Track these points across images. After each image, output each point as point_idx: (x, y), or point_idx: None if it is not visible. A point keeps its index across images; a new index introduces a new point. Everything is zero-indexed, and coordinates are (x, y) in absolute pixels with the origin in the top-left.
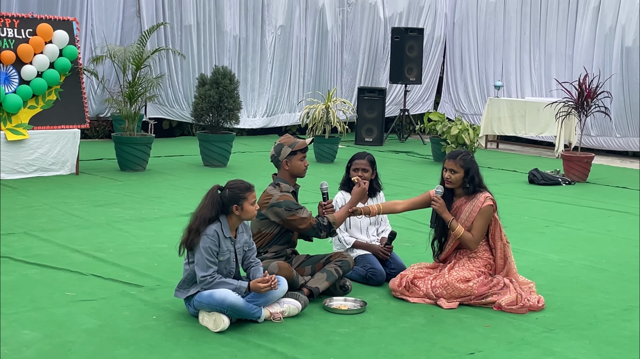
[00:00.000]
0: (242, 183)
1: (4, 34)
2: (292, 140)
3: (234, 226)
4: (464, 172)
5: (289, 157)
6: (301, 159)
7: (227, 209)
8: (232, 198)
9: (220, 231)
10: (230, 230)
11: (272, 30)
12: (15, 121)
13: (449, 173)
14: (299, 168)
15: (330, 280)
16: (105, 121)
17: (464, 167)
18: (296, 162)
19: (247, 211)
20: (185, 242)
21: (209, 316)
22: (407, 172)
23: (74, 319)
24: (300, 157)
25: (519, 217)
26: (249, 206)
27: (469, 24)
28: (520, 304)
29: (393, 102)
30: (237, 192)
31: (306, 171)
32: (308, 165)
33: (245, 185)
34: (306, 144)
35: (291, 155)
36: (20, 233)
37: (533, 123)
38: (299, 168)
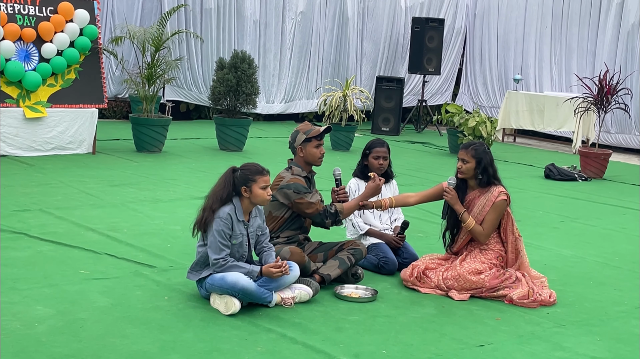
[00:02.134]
0: (255, 166)
1: (25, 12)
2: (308, 127)
3: (247, 209)
4: (476, 162)
5: (304, 144)
6: (316, 146)
7: (238, 190)
8: (242, 179)
9: (233, 214)
10: (244, 213)
11: (292, 16)
12: (34, 98)
13: (461, 162)
14: (314, 156)
15: (342, 268)
16: (123, 101)
17: (476, 157)
18: (311, 149)
19: (256, 194)
20: (199, 221)
21: (220, 298)
22: (423, 162)
23: (87, 297)
24: (315, 144)
25: (534, 212)
26: (258, 189)
27: (490, 16)
28: (531, 298)
29: (411, 92)
30: (247, 174)
31: (322, 159)
32: (324, 153)
33: (257, 168)
34: (320, 131)
35: (305, 142)
36: (36, 210)
37: (552, 118)
38: (314, 155)
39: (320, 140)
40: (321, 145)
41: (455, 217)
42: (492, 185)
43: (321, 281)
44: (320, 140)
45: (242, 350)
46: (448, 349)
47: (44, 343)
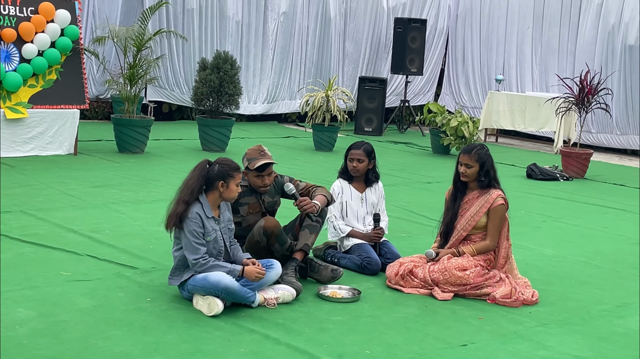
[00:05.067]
0: (232, 162)
1: (5, 12)
2: (255, 154)
3: (214, 204)
4: (479, 165)
5: (247, 170)
6: (256, 176)
7: (212, 184)
8: (221, 174)
9: (201, 212)
10: (212, 208)
11: (274, 16)
12: (14, 99)
13: (464, 167)
14: (255, 183)
15: (315, 231)
16: (104, 102)
17: (479, 161)
18: (252, 177)
19: (231, 190)
20: (173, 215)
21: (203, 299)
22: (406, 162)
23: (69, 298)
24: (255, 174)
25: (516, 211)
26: (233, 185)
27: (473, 16)
28: (514, 297)
29: (394, 93)
30: (226, 169)
31: (265, 189)
32: (267, 185)
33: (235, 165)
34: (256, 166)
35: (247, 169)
36: (17, 211)
37: (533, 118)
38: (254, 183)
39: (261, 172)
40: (262, 176)
41: (450, 218)
42: (491, 187)
43: (304, 256)
44: (262, 171)
45: (226, 351)
46: (431, 349)
47: (25, 345)
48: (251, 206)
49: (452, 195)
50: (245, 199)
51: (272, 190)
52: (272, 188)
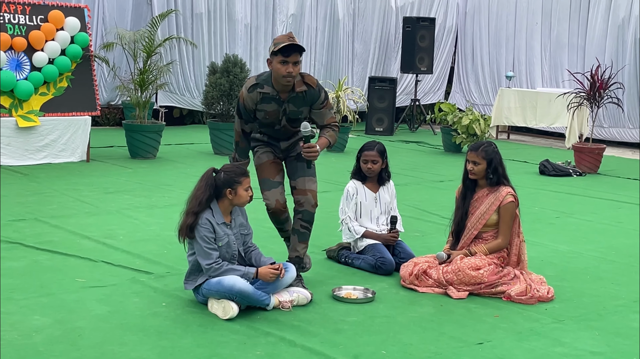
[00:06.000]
0: (237, 168)
1: (15, 21)
2: (284, 39)
3: (226, 211)
4: (487, 163)
5: (272, 56)
6: (281, 62)
7: (221, 192)
8: (227, 181)
9: (212, 218)
10: (223, 215)
11: (283, 18)
12: (26, 107)
13: (472, 165)
14: (277, 72)
15: (304, 239)
16: (116, 108)
17: (486, 158)
18: (276, 64)
19: (240, 196)
20: (184, 227)
21: (218, 303)
22: (418, 162)
23: (84, 305)
24: (280, 60)
25: (530, 208)
26: (242, 191)
27: (481, 13)
28: (529, 294)
29: (404, 92)
30: (232, 176)
31: (287, 80)
32: (290, 73)
33: (240, 170)
34: (280, 46)
35: (273, 55)
36: (31, 219)
37: (544, 114)
38: (277, 71)
39: (287, 57)
40: (288, 63)
41: (460, 216)
42: (501, 185)
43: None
44: (287, 56)
45: (241, 354)
46: (447, 348)
47: (42, 352)
48: (269, 113)
49: (461, 194)
50: (263, 106)
51: (300, 98)
52: (300, 97)
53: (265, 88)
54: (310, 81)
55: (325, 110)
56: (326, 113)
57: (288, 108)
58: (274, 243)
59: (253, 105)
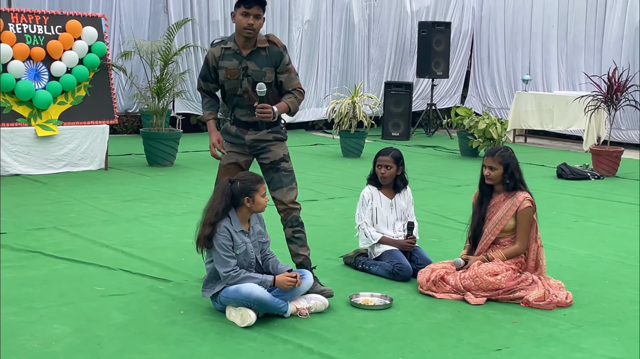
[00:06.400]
0: (252, 176)
1: (34, 31)
2: None
3: (244, 218)
4: (503, 168)
5: (235, 9)
6: (242, 14)
7: (238, 201)
8: (243, 190)
9: (230, 226)
10: (241, 222)
11: (298, 25)
12: (45, 117)
13: (488, 170)
14: (239, 24)
15: (303, 243)
16: (133, 116)
17: (503, 163)
18: (238, 16)
19: (258, 203)
20: (201, 237)
21: (235, 311)
22: (434, 166)
23: (103, 313)
24: (242, 11)
25: (547, 212)
26: (259, 198)
27: (497, 17)
28: (548, 300)
29: (420, 96)
30: (248, 184)
31: (248, 31)
32: (252, 25)
33: (256, 177)
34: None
35: (236, 7)
36: (50, 228)
37: (561, 117)
38: (239, 23)
39: (248, 8)
40: (249, 15)
41: (477, 222)
42: (518, 190)
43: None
44: (249, 8)
45: None
46: (465, 354)
47: None
48: (229, 71)
49: (478, 199)
50: (224, 62)
51: (263, 57)
52: (262, 55)
53: (228, 44)
54: (274, 39)
55: (290, 74)
56: (291, 77)
57: (249, 66)
58: None
59: (214, 61)
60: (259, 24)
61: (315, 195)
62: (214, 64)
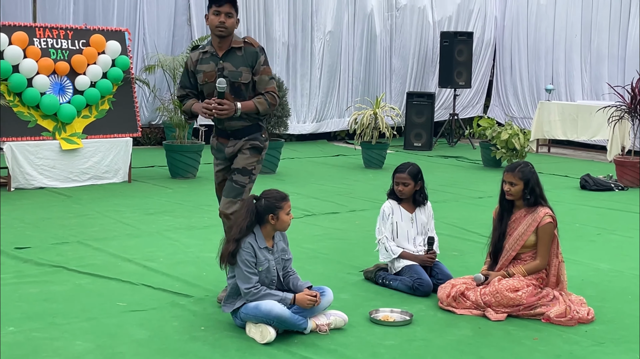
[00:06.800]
0: (277, 193)
1: (58, 45)
2: None
3: (268, 235)
4: (524, 183)
5: (208, 9)
6: (214, 13)
7: (263, 219)
8: (268, 207)
9: (254, 243)
10: (266, 239)
11: (320, 36)
12: (69, 130)
13: (509, 185)
14: (211, 23)
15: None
16: (157, 128)
17: (523, 178)
18: (210, 15)
19: (283, 220)
20: (225, 254)
21: (255, 327)
22: (456, 177)
23: (125, 330)
24: (213, 11)
25: (570, 225)
26: (284, 215)
27: (519, 26)
28: (569, 316)
29: (442, 106)
30: (273, 202)
31: (220, 30)
32: (223, 23)
33: (280, 195)
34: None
35: (209, 7)
36: (74, 242)
37: (585, 127)
38: (211, 23)
39: (219, 7)
40: (220, 13)
41: (497, 237)
42: (538, 205)
43: None
44: (220, 6)
45: None
46: None
47: None
48: (207, 74)
49: (498, 214)
50: (202, 66)
51: (238, 57)
52: (238, 55)
53: (205, 48)
54: (251, 40)
55: (264, 76)
56: (265, 79)
57: (225, 67)
58: (312, 264)
59: (193, 65)
60: (232, 23)
61: (336, 208)
62: (193, 69)
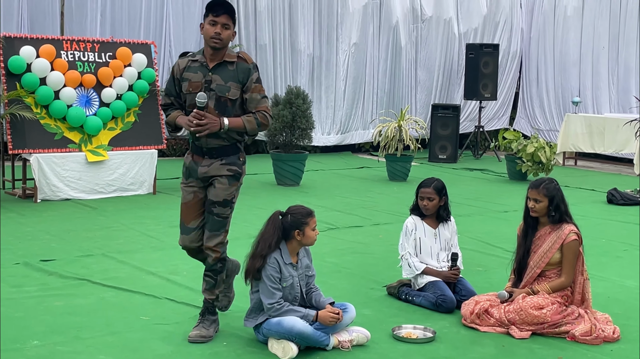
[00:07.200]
0: (303, 209)
1: (85, 58)
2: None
3: (294, 251)
4: (548, 200)
5: (204, 18)
6: (210, 23)
7: (289, 234)
8: (294, 223)
9: (280, 258)
10: (291, 255)
11: (345, 47)
12: (95, 142)
13: (533, 202)
14: (206, 33)
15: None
16: (182, 139)
17: (548, 195)
18: (206, 25)
19: (309, 236)
20: (251, 270)
21: (277, 343)
22: (481, 190)
23: (148, 344)
24: (210, 20)
25: (596, 240)
26: (310, 231)
27: (546, 38)
28: (594, 334)
29: (468, 118)
30: (299, 218)
31: (215, 41)
32: (218, 34)
33: (306, 211)
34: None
35: (205, 16)
36: (99, 254)
37: (612, 140)
38: (207, 32)
39: (216, 17)
40: (217, 24)
41: (522, 254)
42: (563, 222)
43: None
44: (217, 16)
45: None
46: None
47: None
48: (192, 84)
49: (523, 231)
50: (189, 74)
51: (229, 71)
52: (230, 70)
53: (196, 57)
54: (244, 55)
55: (255, 94)
56: (257, 97)
57: (213, 79)
58: (335, 279)
59: (179, 72)
60: (228, 35)
61: (360, 221)
62: (178, 76)
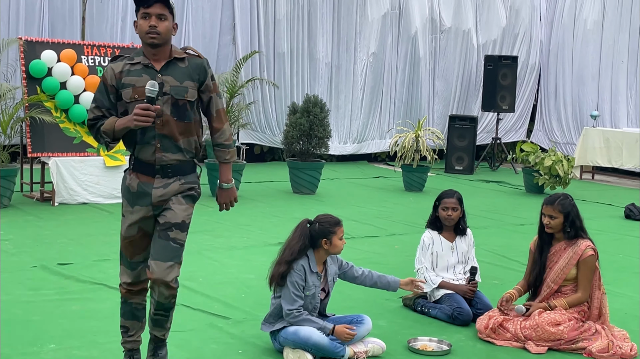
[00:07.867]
0: (331, 218)
1: (105, 63)
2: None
3: (320, 259)
4: (564, 216)
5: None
6: (142, 17)
7: (316, 243)
8: (322, 232)
9: (307, 266)
10: (317, 263)
11: (363, 57)
12: (113, 147)
13: (548, 219)
14: (140, 30)
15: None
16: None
17: (563, 211)
18: (139, 19)
19: (336, 245)
20: (276, 276)
21: (293, 353)
22: (498, 203)
23: None
24: (141, 14)
25: (613, 256)
26: (337, 240)
27: (565, 51)
28: (611, 351)
29: (485, 130)
30: (327, 226)
31: (150, 36)
32: (153, 27)
33: (334, 220)
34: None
35: (136, 12)
36: (115, 259)
37: (630, 154)
38: (140, 29)
39: (147, 8)
40: (150, 15)
41: (538, 271)
42: (579, 238)
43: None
44: (148, 7)
45: None
46: None
47: None
48: (137, 90)
49: (538, 247)
50: (131, 78)
51: (182, 69)
52: (182, 68)
53: (135, 59)
54: (193, 50)
55: (214, 94)
56: (216, 99)
57: (166, 81)
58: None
59: (114, 79)
60: (166, 27)
61: (376, 231)
62: (114, 83)
